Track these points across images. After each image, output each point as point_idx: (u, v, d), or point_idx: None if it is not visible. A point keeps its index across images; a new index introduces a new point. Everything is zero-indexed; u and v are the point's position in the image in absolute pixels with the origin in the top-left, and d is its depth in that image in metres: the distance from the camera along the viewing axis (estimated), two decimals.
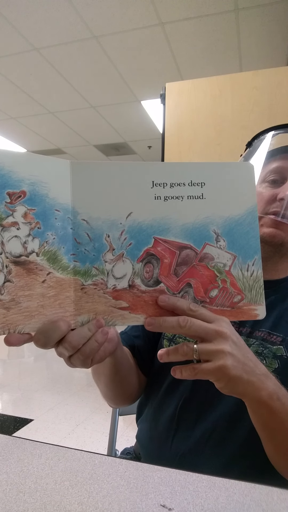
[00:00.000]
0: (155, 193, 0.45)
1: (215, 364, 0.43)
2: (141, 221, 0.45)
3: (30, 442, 0.57)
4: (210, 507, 0.42)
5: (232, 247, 0.47)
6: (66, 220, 0.43)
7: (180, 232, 0.46)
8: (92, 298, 0.44)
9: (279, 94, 1.56)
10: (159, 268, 0.46)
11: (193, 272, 0.46)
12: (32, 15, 2.41)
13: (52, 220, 0.42)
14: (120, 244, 0.45)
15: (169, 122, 1.70)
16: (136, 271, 0.45)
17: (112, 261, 0.45)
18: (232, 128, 1.59)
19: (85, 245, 0.44)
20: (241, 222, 0.47)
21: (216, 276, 0.47)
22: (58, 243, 0.43)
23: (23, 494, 0.44)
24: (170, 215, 0.46)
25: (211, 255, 0.46)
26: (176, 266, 0.46)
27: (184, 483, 0.46)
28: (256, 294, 0.47)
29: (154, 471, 0.49)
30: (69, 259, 0.43)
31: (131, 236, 0.45)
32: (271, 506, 0.42)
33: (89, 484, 0.46)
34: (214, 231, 0.46)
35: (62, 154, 5.41)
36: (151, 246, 0.45)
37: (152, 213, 0.45)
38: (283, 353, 0.62)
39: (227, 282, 0.47)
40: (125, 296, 0.45)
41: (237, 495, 0.44)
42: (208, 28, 2.47)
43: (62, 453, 0.53)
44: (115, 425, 1.05)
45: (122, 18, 2.41)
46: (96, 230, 0.44)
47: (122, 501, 0.42)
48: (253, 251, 0.47)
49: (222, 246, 0.47)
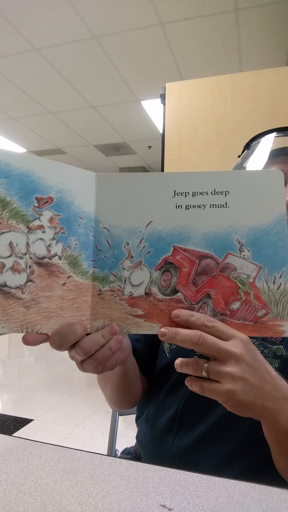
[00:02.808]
0: (176, 202, 0.45)
1: (223, 387, 0.41)
2: (160, 229, 0.45)
3: (30, 442, 0.57)
4: (210, 507, 0.42)
5: (258, 257, 0.45)
6: (88, 228, 0.45)
7: (201, 241, 0.45)
8: (109, 304, 0.45)
9: (279, 94, 1.56)
10: (177, 277, 0.45)
11: (213, 282, 0.45)
12: (32, 15, 2.41)
13: (76, 226, 0.44)
14: (138, 252, 0.45)
15: (169, 122, 1.70)
16: (153, 279, 0.45)
17: (130, 268, 0.45)
18: (232, 128, 1.59)
19: (104, 252, 0.45)
20: (268, 231, 0.45)
21: (238, 287, 0.45)
22: (80, 249, 0.44)
23: (23, 494, 0.44)
24: (191, 223, 0.45)
25: (234, 265, 0.45)
26: (195, 275, 0.45)
27: (184, 483, 0.46)
28: (284, 309, 0.44)
29: (154, 471, 0.49)
30: (89, 264, 0.44)
31: (150, 244, 0.45)
32: (271, 506, 0.42)
33: (89, 484, 0.46)
34: (238, 240, 0.45)
35: (62, 154, 5.41)
36: (170, 254, 0.45)
37: (172, 221, 0.45)
38: (283, 353, 0.62)
39: (250, 294, 0.44)
40: (141, 303, 0.45)
41: (237, 495, 0.44)
42: (208, 28, 2.47)
43: (62, 453, 0.53)
44: (115, 425, 1.05)
45: (122, 18, 2.41)
46: (116, 238, 0.45)
47: (122, 501, 0.43)
48: (281, 262, 0.44)
49: (246, 256, 0.45)
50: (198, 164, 1.61)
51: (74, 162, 5.81)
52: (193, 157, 1.63)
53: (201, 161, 1.61)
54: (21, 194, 0.42)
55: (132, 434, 1.77)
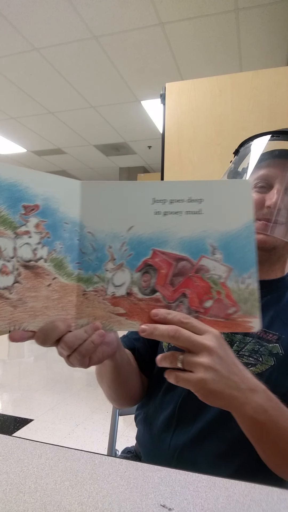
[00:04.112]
0: (155, 208, 0.49)
1: (195, 376, 0.44)
2: (141, 234, 0.48)
3: (30, 442, 0.57)
4: (210, 507, 0.42)
5: (229, 260, 0.48)
6: (73, 232, 0.48)
7: (178, 244, 0.49)
8: (93, 304, 0.48)
9: (279, 94, 1.56)
10: (156, 278, 0.48)
11: (188, 283, 0.49)
12: (32, 15, 2.41)
13: (61, 231, 0.47)
14: (120, 255, 0.48)
15: (169, 122, 1.70)
16: (134, 280, 0.48)
17: (112, 270, 0.48)
18: (232, 128, 1.59)
19: (89, 254, 0.48)
20: (237, 236, 0.49)
21: (211, 287, 0.48)
22: (65, 252, 0.47)
23: (23, 494, 0.44)
24: (168, 229, 0.49)
25: (207, 267, 0.48)
26: (173, 276, 0.49)
27: (184, 483, 0.46)
28: (251, 307, 0.48)
29: (154, 471, 0.49)
30: (74, 266, 0.47)
31: (131, 248, 0.48)
32: (271, 506, 0.42)
33: (89, 484, 0.46)
34: (211, 244, 0.49)
35: (62, 154, 5.41)
36: (149, 257, 0.48)
37: (151, 227, 0.49)
38: (279, 351, 0.63)
39: (222, 293, 0.48)
40: (123, 303, 0.48)
41: (237, 495, 0.44)
42: (208, 28, 2.47)
43: (62, 453, 0.53)
44: (115, 425, 1.05)
45: (122, 18, 2.41)
46: (100, 241, 0.48)
47: (122, 501, 0.43)
48: (249, 264, 0.48)
49: (218, 259, 0.49)
50: (198, 164, 1.62)
51: (74, 162, 5.81)
52: (193, 157, 1.63)
53: (201, 161, 1.61)
54: (9, 203, 0.45)
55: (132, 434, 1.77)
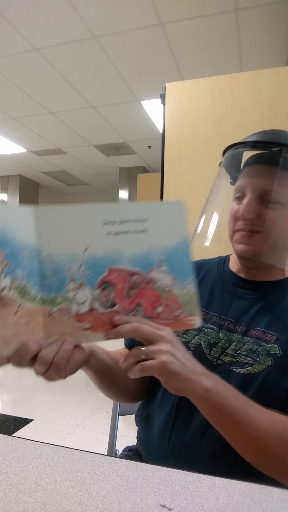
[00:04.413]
0: (107, 230, 0.53)
1: (157, 360, 0.50)
2: (96, 254, 0.52)
3: (30, 442, 0.57)
4: (210, 507, 0.42)
5: (172, 270, 0.55)
6: (32, 258, 0.50)
7: (130, 261, 0.54)
8: (59, 323, 0.51)
9: (279, 94, 1.56)
10: (114, 292, 0.53)
11: (142, 293, 0.55)
12: (32, 15, 2.41)
13: (20, 258, 0.49)
14: (80, 275, 0.52)
15: (169, 122, 1.70)
16: (95, 296, 0.53)
17: (73, 290, 0.52)
18: (232, 128, 1.59)
19: (49, 277, 0.51)
20: (177, 250, 0.55)
21: (160, 295, 0.55)
22: (27, 278, 0.49)
23: (23, 494, 0.44)
24: (120, 247, 0.53)
25: (156, 278, 0.55)
26: (128, 289, 0.54)
27: (184, 483, 0.46)
28: (193, 308, 0.55)
29: (154, 471, 0.49)
30: (36, 290, 0.50)
31: (89, 267, 0.52)
32: (271, 506, 0.42)
33: (89, 484, 0.46)
34: (157, 258, 0.55)
35: (62, 154, 5.41)
36: (106, 274, 0.53)
37: (105, 247, 0.53)
38: (276, 351, 0.63)
39: (169, 299, 0.55)
40: (87, 318, 0.52)
41: (237, 495, 0.44)
42: (208, 28, 2.47)
43: (62, 453, 0.53)
44: (115, 425, 1.05)
45: (122, 18, 2.41)
46: (59, 264, 0.51)
47: (122, 501, 0.43)
48: (188, 273, 0.55)
49: (163, 270, 0.55)
50: (198, 164, 1.62)
51: (74, 162, 5.82)
52: (193, 157, 1.63)
53: (201, 161, 1.61)
54: None
55: (132, 434, 1.77)
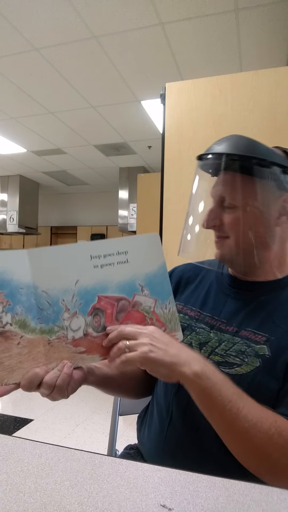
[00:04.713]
0: (93, 263, 0.60)
1: (138, 351, 0.55)
2: (86, 285, 0.59)
3: (30, 442, 0.57)
4: (210, 507, 0.42)
5: (153, 293, 0.62)
6: (29, 294, 0.56)
7: (116, 288, 0.61)
8: (58, 349, 0.58)
9: (279, 94, 1.56)
10: (104, 317, 0.60)
11: (129, 316, 0.61)
12: (32, 15, 2.41)
13: (19, 296, 0.56)
14: (73, 305, 0.58)
15: (169, 122, 1.70)
16: (88, 322, 0.59)
17: (68, 319, 0.58)
18: (232, 128, 1.59)
19: (46, 310, 0.57)
20: (156, 275, 0.62)
21: (145, 316, 0.62)
22: (26, 313, 0.56)
23: (23, 494, 0.44)
24: (106, 277, 0.60)
25: (140, 301, 0.62)
26: (117, 313, 0.61)
27: (184, 483, 0.46)
28: (174, 324, 0.63)
29: (154, 471, 0.49)
30: (35, 322, 0.56)
31: (80, 297, 0.59)
32: (271, 506, 0.42)
33: (89, 484, 0.46)
34: (139, 284, 0.62)
35: (62, 154, 5.41)
36: (96, 302, 0.60)
37: (93, 278, 0.59)
38: (265, 352, 0.63)
39: (153, 319, 0.62)
40: (82, 343, 0.59)
41: (237, 495, 0.44)
42: (208, 28, 2.47)
43: (62, 453, 0.53)
44: (115, 425, 1.05)
45: (122, 18, 2.41)
46: (53, 297, 0.57)
47: (122, 501, 0.43)
48: (167, 294, 0.63)
49: (146, 294, 0.62)
50: None
51: (74, 162, 5.82)
52: (193, 157, 1.63)
53: None
54: None
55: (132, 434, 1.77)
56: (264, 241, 0.68)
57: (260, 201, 0.67)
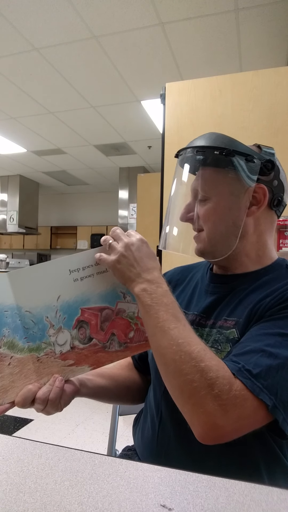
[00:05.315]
0: (73, 277, 0.61)
1: (111, 258, 0.61)
2: (68, 299, 0.60)
3: (30, 442, 0.57)
4: (210, 507, 0.42)
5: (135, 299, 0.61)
6: (14, 316, 0.58)
7: (98, 299, 0.62)
8: (47, 365, 0.59)
9: (279, 94, 1.56)
10: (89, 329, 0.61)
11: (114, 324, 0.63)
12: (32, 15, 2.41)
13: (4, 319, 0.57)
14: (57, 320, 0.60)
15: (169, 122, 1.70)
16: (73, 336, 0.60)
17: (54, 334, 0.60)
18: (232, 128, 1.59)
19: (32, 328, 0.59)
20: None
21: (130, 322, 0.63)
22: (13, 334, 0.58)
23: (23, 494, 0.44)
24: (87, 289, 0.61)
25: (123, 308, 0.63)
26: (101, 323, 0.62)
27: (184, 483, 0.46)
28: None
29: (154, 471, 0.49)
30: (23, 342, 0.58)
31: (64, 312, 0.60)
32: (271, 506, 0.42)
33: (89, 484, 0.46)
34: (121, 291, 0.64)
35: (62, 154, 5.41)
36: (79, 315, 0.61)
37: (74, 292, 0.61)
38: (235, 336, 0.63)
39: (138, 324, 0.64)
40: (70, 356, 0.61)
41: (237, 495, 0.44)
42: (208, 28, 2.47)
43: (62, 453, 0.53)
44: (115, 425, 1.05)
45: (122, 18, 2.41)
46: (37, 315, 0.59)
47: (122, 501, 0.43)
48: None
49: (128, 300, 0.64)
50: None
51: (74, 162, 5.82)
52: None
53: None
54: None
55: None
56: (237, 232, 0.68)
57: (228, 191, 0.67)
